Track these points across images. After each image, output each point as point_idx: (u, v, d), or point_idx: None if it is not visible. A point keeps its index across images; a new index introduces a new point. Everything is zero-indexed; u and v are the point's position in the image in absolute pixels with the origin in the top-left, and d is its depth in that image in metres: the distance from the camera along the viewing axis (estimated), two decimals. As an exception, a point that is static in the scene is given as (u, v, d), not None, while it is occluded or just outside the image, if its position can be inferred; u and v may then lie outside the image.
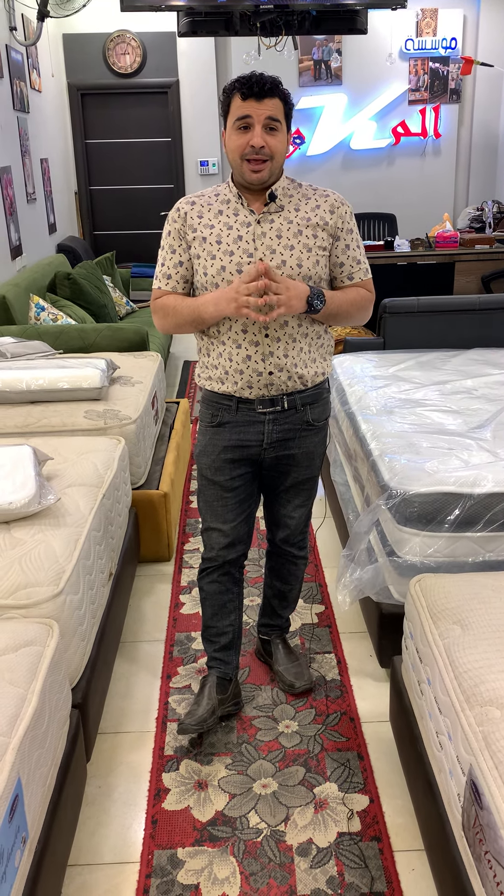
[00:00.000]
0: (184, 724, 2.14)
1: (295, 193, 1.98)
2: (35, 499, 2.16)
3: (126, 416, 3.07)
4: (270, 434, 2.05)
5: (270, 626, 2.47)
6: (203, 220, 1.96)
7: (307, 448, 2.12)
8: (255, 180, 1.90)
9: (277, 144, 1.89)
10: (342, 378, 3.39)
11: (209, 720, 2.16)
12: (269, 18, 4.53)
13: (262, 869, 1.79)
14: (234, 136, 1.88)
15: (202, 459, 2.12)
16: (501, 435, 2.63)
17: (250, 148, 1.86)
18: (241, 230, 1.93)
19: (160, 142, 7.30)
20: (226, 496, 2.13)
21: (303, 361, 2.00)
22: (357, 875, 1.77)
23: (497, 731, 1.39)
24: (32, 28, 5.62)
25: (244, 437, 2.06)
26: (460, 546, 2.23)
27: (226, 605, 2.24)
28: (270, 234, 1.92)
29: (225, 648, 2.27)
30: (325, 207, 1.97)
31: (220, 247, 1.93)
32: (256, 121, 1.85)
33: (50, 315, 4.40)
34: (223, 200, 1.98)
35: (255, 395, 2.00)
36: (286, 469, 2.14)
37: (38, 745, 1.56)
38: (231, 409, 2.04)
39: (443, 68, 7.23)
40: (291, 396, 2.02)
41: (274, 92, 1.86)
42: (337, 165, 7.45)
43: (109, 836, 1.90)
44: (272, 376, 1.98)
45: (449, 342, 3.81)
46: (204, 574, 2.24)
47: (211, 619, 2.26)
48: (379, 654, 2.40)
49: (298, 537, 2.30)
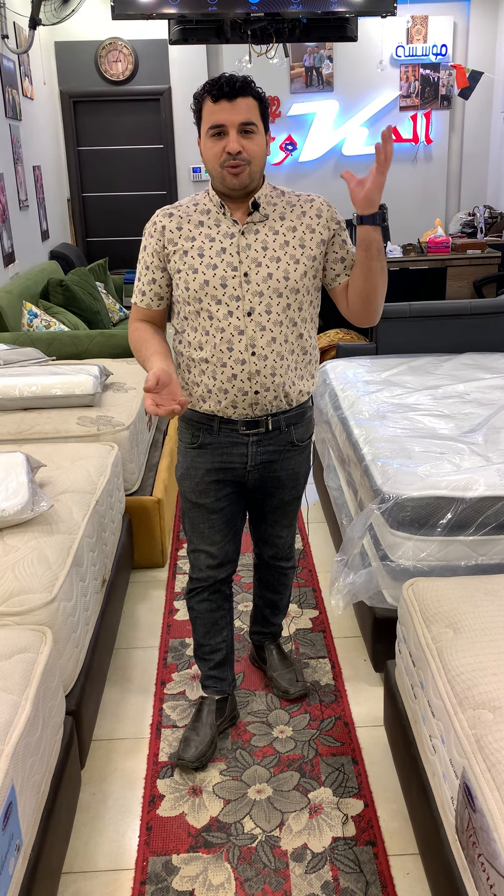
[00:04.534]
0: (184, 760, 2.09)
1: (279, 201, 1.89)
2: (28, 506, 2.16)
3: (119, 422, 3.07)
4: (254, 456, 1.98)
5: (263, 633, 2.47)
6: (183, 231, 1.87)
7: (292, 468, 2.06)
8: (236, 184, 1.80)
9: (255, 147, 1.79)
10: (335, 383, 3.40)
11: (208, 753, 2.12)
12: (259, 26, 4.55)
13: (256, 875, 1.79)
14: (209, 143, 1.79)
15: (185, 483, 2.05)
16: (493, 439, 2.64)
17: (226, 155, 1.77)
18: (224, 242, 1.84)
19: (152, 149, 7.31)
20: (212, 517, 2.07)
21: (290, 380, 1.92)
22: (352, 880, 1.77)
23: (490, 734, 1.40)
24: (24, 36, 5.63)
25: (227, 459, 1.99)
26: (453, 550, 2.23)
27: (217, 622, 2.21)
28: (255, 245, 1.84)
29: (219, 665, 2.24)
30: (311, 213, 1.89)
31: (202, 260, 1.84)
32: (230, 126, 1.75)
33: (43, 322, 4.40)
34: (203, 210, 1.89)
35: (238, 415, 1.93)
36: (271, 491, 2.09)
37: (31, 752, 1.55)
38: (213, 429, 1.96)
39: (433, 75, 7.26)
40: (276, 417, 1.95)
41: (246, 91, 1.76)
42: (329, 172, 7.48)
43: (104, 843, 1.90)
44: (258, 395, 1.90)
45: (441, 347, 3.83)
46: (194, 594, 2.20)
47: (203, 638, 2.22)
48: (373, 658, 2.41)
49: (286, 552, 2.28)
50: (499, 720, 1.42)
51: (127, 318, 5.72)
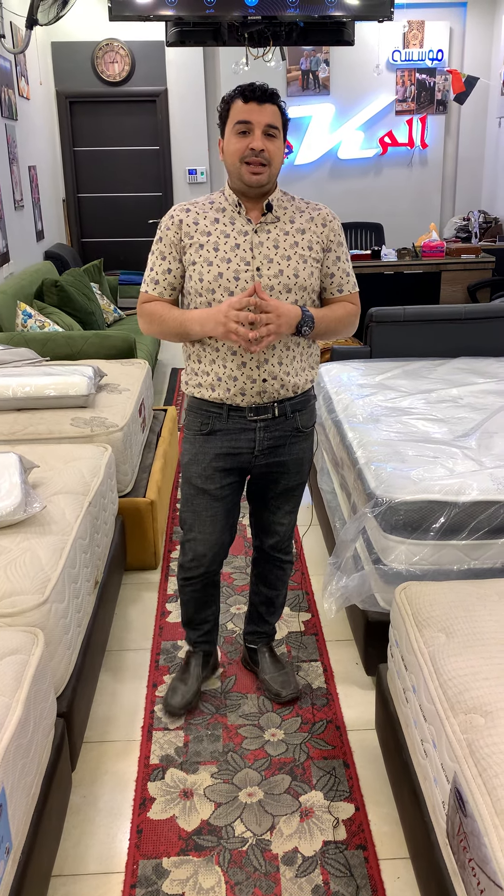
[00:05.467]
0: (171, 706, 2.30)
1: (289, 206, 2.02)
2: (20, 507, 2.16)
3: (113, 423, 3.07)
4: (262, 441, 2.07)
5: (257, 633, 2.47)
6: (199, 226, 1.97)
7: (297, 454, 2.14)
8: (255, 182, 1.91)
9: (275, 150, 1.92)
10: (329, 386, 3.40)
11: (193, 701, 2.33)
12: (256, 29, 4.55)
13: (247, 878, 1.79)
14: (234, 139, 1.91)
15: (192, 468, 2.12)
16: (486, 444, 2.65)
17: (250, 151, 1.89)
18: (238, 238, 1.95)
19: (149, 150, 7.32)
20: (215, 505, 2.14)
21: (294, 370, 2.03)
22: (342, 884, 1.77)
23: (481, 739, 1.40)
24: (21, 36, 5.62)
25: (236, 445, 2.07)
26: (445, 554, 2.24)
27: (206, 601, 2.35)
28: (268, 243, 1.95)
29: (209, 632, 2.41)
30: (318, 221, 2.01)
31: (217, 254, 1.94)
32: (256, 125, 1.88)
33: (37, 322, 4.40)
34: (218, 209, 2.00)
35: (246, 402, 2.02)
36: (276, 477, 2.16)
37: (22, 754, 1.55)
38: (222, 416, 2.04)
39: (429, 79, 7.29)
40: (282, 404, 2.05)
41: (274, 99, 1.91)
42: (325, 175, 7.50)
43: (94, 845, 1.89)
44: (265, 384, 2.00)
45: (435, 351, 3.83)
46: (186, 583, 2.29)
47: (194, 614, 2.36)
48: (365, 662, 2.41)
49: (287, 543, 2.32)
50: (490, 725, 1.43)
51: (121, 319, 5.73)
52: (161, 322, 2.01)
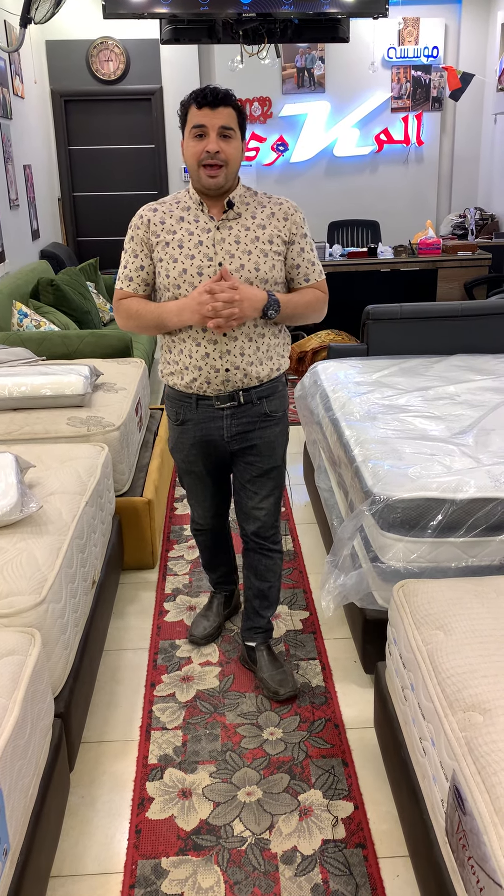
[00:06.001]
0: (194, 636, 2.61)
1: (251, 201, 2.11)
2: (17, 507, 2.15)
3: (109, 422, 3.06)
4: (230, 428, 2.20)
5: (254, 629, 2.48)
6: (165, 225, 2.08)
7: (268, 438, 2.25)
8: (212, 185, 2.02)
9: (232, 151, 2.01)
10: (326, 384, 3.40)
11: (214, 635, 2.64)
12: (251, 27, 4.55)
13: (246, 877, 1.78)
14: (191, 143, 2.01)
15: (176, 454, 2.34)
16: (483, 441, 2.64)
17: (206, 153, 1.98)
18: (201, 236, 2.05)
19: (144, 148, 7.30)
20: (206, 480, 2.37)
21: (258, 359, 2.13)
22: (342, 882, 1.76)
23: (480, 737, 1.40)
24: (15, 34, 5.61)
25: (207, 433, 2.22)
26: (443, 551, 2.24)
27: (220, 546, 2.61)
28: (229, 239, 2.05)
29: (226, 574, 2.70)
30: (279, 215, 2.10)
31: (181, 251, 2.05)
32: (211, 128, 1.97)
33: (33, 321, 4.39)
34: (184, 207, 2.10)
35: (212, 391, 2.14)
36: (250, 460, 2.27)
37: (19, 755, 1.54)
38: (191, 406, 2.19)
39: (425, 76, 7.29)
40: (247, 392, 2.16)
41: (227, 101, 1.98)
42: (320, 172, 7.49)
43: (93, 846, 1.89)
44: (228, 373, 2.11)
45: (432, 348, 3.83)
46: (197, 533, 2.58)
47: (210, 559, 2.64)
48: (363, 660, 2.40)
49: (270, 531, 2.39)
50: (489, 722, 1.42)
51: (118, 318, 5.71)
52: (138, 317, 2.12)
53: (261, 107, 7.25)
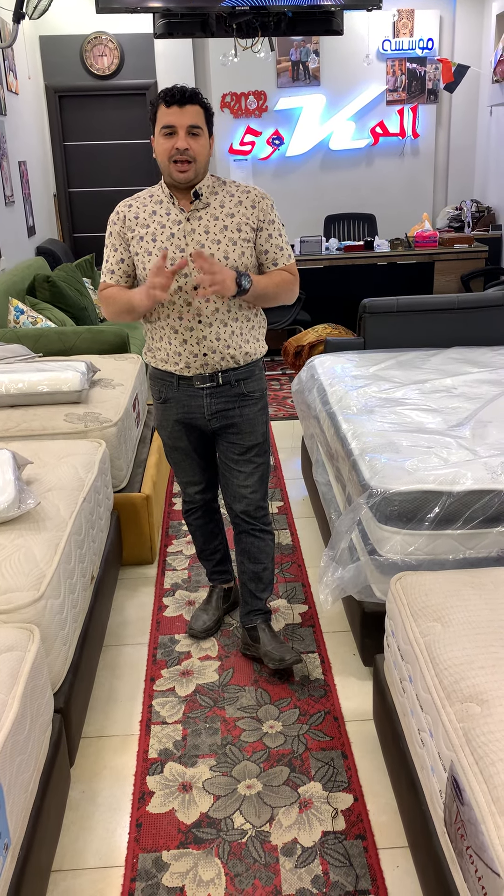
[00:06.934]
0: (192, 629, 2.65)
1: (220, 191, 2.20)
2: (14, 503, 2.15)
3: (107, 418, 3.06)
4: (210, 406, 2.30)
5: (253, 611, 2.52)
6: (139, 220, 2.19)
7: (248, 416, 2.34)
8: (182, 179, 2.12)
9: (199, 147, 2.11)
10: (323, 378, 3.40)
11: (213, 629, 2.67)
12: (245, 20, 4.52)
13: (247, 870, 1.79)
14: (162, 140, 2.10)
15: (161, 432, 2.44)
16: (480, 433, 2.65)
17: (175, 150, 2.08)
18: (173, 228, 2.16)
19: (139, 143, 7.28)
20: (192, 455, 2.45)
21: (235, 343, 2.24)
22: (342, 873, 1.77)
23: (477, 728, 1.40)
24: (8, 30, 5.58)
25: (188, 411, 2.33)
26: (440, 544, 2.24)
27: (212, 530, 2.65)
28: (199, 230, 2.15)
29: (220, 562, 2.74)
30: (246, 203, 2.19)
31: (155, 244, 2.16)
32: (180, 127, 2.07)
33: (29, 318, 4.38)
34: (156, 201, 2.20)
35: (192, 372, 2.26)
36: (232, 439, 2.36)
37: (19, 750, 1.55)
38: (173, 385, 2.31)
39: (420, 69, 7.26)
40: (226, 373, 2.27)
41: (194, 99, 2.08)
42: (316, 166, 7.46)
43: (93, 840, 1.90)
44: (206, 357, 2.23)
45: (428, 341, 3.83)
46: (189, 513, 2.62)
47: (204, 544, 2.69)
48: (362, 652, 2.41)
49: (259, 512, 2.45)
50: (486, 713, 1.43)
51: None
52: (114, 302, 2.23)
53: (256, 101, 7.22)
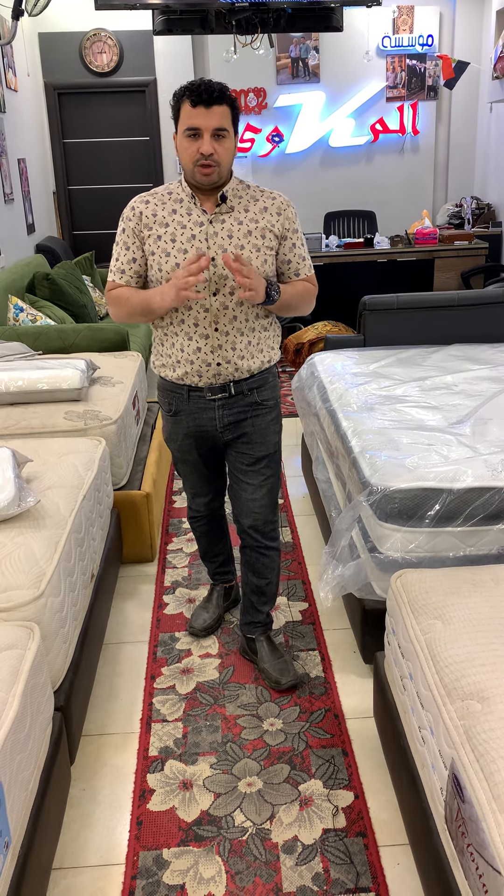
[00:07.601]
0: (194, 627, 2.63)
1: (244, 195, 2.10)
2: (14, 501, 2.15)
3: (107, 416, 3.05)
4: (222, 418, 2.22)
5: (253, 623, 2.48)
6: (157, 218, 2.07)
7: (260, 426, 2.25)
8: (206, 182, 2.02)
9: (224, 151, 1.99)
10: (323, 376, 3.39)
11: (214, 626, 2.65)
12: (244, 16, 4.52)
13: (247, 867, 1.79)
14: (185, 142, 1.99)
15: (170, 444, 2.37)
16: (480, 430, 2.64)
17: (200, 155, 1.97)
18: (194, 229, 2.05)
19: (138, 141, 7.27)
20: (200, 468, 2.40)
21: (249, 353, 2.15)
22: (342, 871, 1.77)
23: (478, 725, 1.40)
24: (7, 27, 5.57)
25: (199, 424, 2.24)
26: (441, 541, 2.24)
27: (216, 535, 2.63)
28: (222, 233, 2.05)
29: (224, 564, 2.71)
30: (272, 210, 2.10)
31: (174, 244, 2.05)
32: (205, 130, 1.95)
33: (29, 316, 4.37)
34: (176, 199, 2.09)
35: (204, 383, 2.17)
36: (243, 449, 2.27)
37: (20, 748, 1.55)
38: (183, 397, 2.21)
39: (420, 65, 7.25)
40: (238, 383, 2.18)
41: (222, 99, 1.95)
42: (316, 163, 7.45)
43: (94, 838, 1.90)
44: (219, 367, 2.13)
45: (429, 338, 3.82)
46: (194, 520, 2.58)
47: (207, 547, 2.66)
48: (362, 650, 2.41)
49: (268, 527, 2.37)
50: (487, 711, 1.43)
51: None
52: (127, 303, 2.11)
53: (255, 98, 7.21)
